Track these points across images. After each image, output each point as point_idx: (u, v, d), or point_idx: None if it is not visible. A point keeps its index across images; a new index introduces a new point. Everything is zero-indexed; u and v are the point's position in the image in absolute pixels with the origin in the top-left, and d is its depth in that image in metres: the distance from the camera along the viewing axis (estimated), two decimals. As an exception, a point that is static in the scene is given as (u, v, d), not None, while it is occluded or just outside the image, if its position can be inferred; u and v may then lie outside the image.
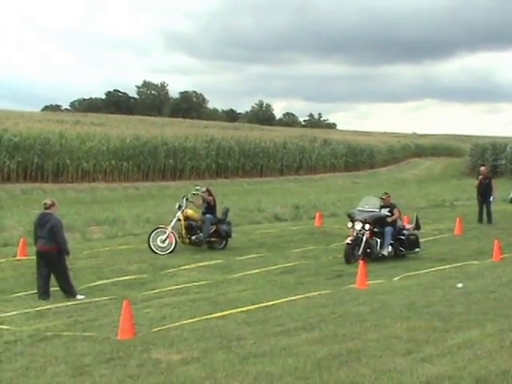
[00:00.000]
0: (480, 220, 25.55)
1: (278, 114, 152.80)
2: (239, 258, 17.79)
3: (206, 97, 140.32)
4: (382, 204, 18.45)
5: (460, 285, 13.79)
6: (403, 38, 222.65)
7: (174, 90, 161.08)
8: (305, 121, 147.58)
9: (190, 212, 19.33)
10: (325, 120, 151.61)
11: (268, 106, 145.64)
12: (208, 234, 19.17)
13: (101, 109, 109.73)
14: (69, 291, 13.28)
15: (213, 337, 9.94)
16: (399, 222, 18.61)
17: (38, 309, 12.14)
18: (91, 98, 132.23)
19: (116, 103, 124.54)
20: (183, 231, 19.01)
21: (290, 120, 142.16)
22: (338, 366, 8.37)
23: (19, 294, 13.43)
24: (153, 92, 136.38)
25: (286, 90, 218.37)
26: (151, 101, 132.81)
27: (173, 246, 18.39)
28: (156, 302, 12.76)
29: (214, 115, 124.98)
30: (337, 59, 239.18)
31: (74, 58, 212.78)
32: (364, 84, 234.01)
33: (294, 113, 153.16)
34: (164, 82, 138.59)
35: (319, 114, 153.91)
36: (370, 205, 18.37)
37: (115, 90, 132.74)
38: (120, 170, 45.85)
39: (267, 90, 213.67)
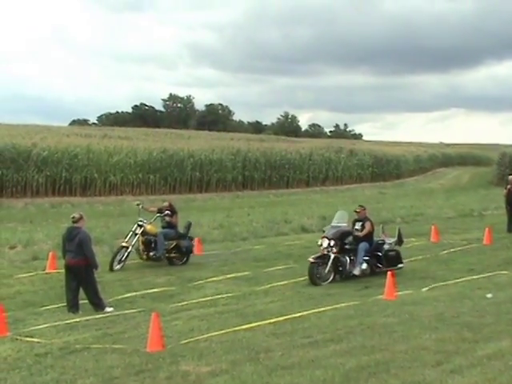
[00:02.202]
0: (509, 229, 25.28)
1: (304, 125, 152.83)
2: (266, 270, 17.78)
3: (231, 109, 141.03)
4: (357, 218, 17.31)
5: (489, 295, 13.68)
6: (429, 47, 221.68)
7: (200, 103, 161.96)
8: (331, 132, 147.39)
9: (148, 227, 18.49)
10: (351, 131, 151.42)
11: (294, 117, 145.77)
12: (163, 249, 18.36)
13: (127, 122, 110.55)
14: (97, 304, 13.37)
15: (241, 349, 9.94)
16: (378, 238, 17.46)
17: (67, 322, 12.23)
18: (118, 112, 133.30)
19: (142, 117, 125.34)
20: (141, 247, 18.38)
21: (315, 131, 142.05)
22: (366, 378, 8.35)
23: (49, 307, 13.55)
24: (179, 105, 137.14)
25: (311, 101, 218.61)
26: (177, 114, 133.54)
27: (122, 264, 17.81)
28: (184, 314, 12.79)
29: (239, 127, 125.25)
30: (362, 69, 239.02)
31: (101, 72, 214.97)
32: (390, 94, 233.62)
33: (319, 124, 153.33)
34: (190, 95, 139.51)
35: (345, 124, 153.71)
36: (339, 220, 17.10)
37: (142, 104, 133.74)
38: (147, 183, 46.15)
39: (293, 101, 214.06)
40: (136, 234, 18.28)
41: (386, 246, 17.29)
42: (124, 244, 18.03)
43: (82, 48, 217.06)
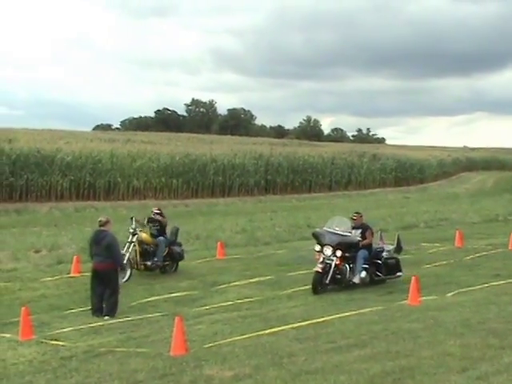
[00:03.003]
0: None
1: (326, 129, 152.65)
2: (289, 274, 17.74)
3: (253, 113, 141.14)
4: (353, 225, 16.37)
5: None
6: (452, 50, 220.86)
7: (223, 108, 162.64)
8: (353, 136, 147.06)
9: (144, 236, 17.65)
10: (373, 135, 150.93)
11: (316, 121, 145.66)
12: (162, 256, 17.72)
13: (150, 127, 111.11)
14: (112, 309, 13.26)
15: (264, 353, 9.92)
16: (376, 245, 16.72)
17: (91, 325, 12.29)
18: (141, 117, 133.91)
19: (165, 121, 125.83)
20: (137, 257, 17.42)
21: (338, 135, 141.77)
22: (391, 384, 8.29)
23: (73, 311, 13.64)
24: (201, 110, 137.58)
25: (334, 106, 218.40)
26: (200, 118, 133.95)
27: (128, 275, 16.58)
28: (207, 319, 12.80)
29: (261, 132, 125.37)
30: (385, 73, 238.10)
31: (124, 77, 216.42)
32: (413, 98, 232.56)
33: (342, 128, 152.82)
34: (212, 100, 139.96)
35: (368, 128, 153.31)
36: (342, 227, 16.12)
37: (164, 109, 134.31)
38: (170, 188, 46.33)
39: (315, 105, 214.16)
40: (131, 243, 17.29)
41: (384, 254, 16.57)
42: None
43: (106, 53, 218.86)
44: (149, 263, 17.52)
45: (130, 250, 17.05)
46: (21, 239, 23.88)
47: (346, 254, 15.72)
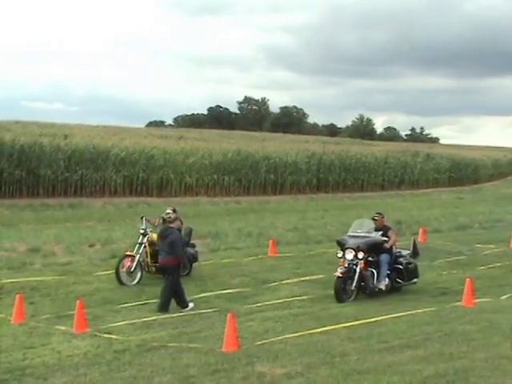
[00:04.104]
0: None
1: (379, 128, 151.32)
2: (341, 274, 17.63)
3: (306, 111, 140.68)
4: (374, 226, 15.60)
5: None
6: (508, 49, 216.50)
7: (275, 105, 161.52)
8: (406, 135, 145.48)
9: (154, 237, 16.44)
10: (427, 134, 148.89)
11: (369, 120, 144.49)
12: None
13: (203, 124, 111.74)
14: (164, 305, 13.38)
15: (316, 352, 9.91)
16: (395, 249, 15.77)
17: (144, 319, 12.43)
18: (194, 114, 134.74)
19: (218, 118, 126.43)
20: (148, 259, 16.60)
21: (391, 134, 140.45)
22: (444, 386, 8.20)
23: (126, 305, 13.81)
24: (254, 107, 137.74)
25: (387, 104, 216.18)
26: (252, 116, 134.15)
27: (138, 277, 16.17)
28: (259, 316, 12.83)
29: (314, 130, 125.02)
30: (440, 72, 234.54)
31: (178, 75, 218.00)
32: (468, 97, 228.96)
33: (395, 127, 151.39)
34: (265, 98, 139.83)
35: (421, 128, 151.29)
36: (364, 228, 15.49)
37: (217, 106, 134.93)
38: (222, 185, 46.49)
39: (368, 104, 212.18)
40: (141, 245, 16.57)
41: (402, 259, 15.72)
42: (128, 253, 16.47)
43: (160, 51, 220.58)
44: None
45: (140, 251, 16.44)
46: (75, 233, 24.26)
47: (370, 259, 14.90)
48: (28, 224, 27.80)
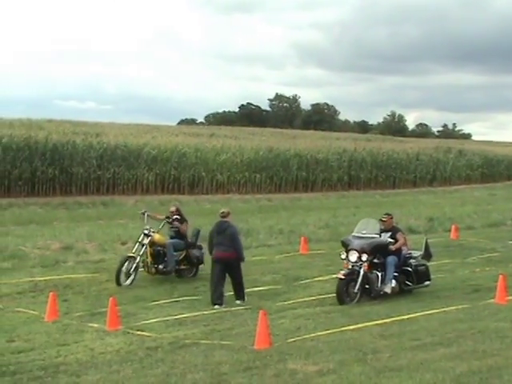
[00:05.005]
0: None
1: (411, 124, 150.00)
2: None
3: (337, 108, 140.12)
4: (383, 228, 15.00)
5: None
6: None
7: (306, 102, 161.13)
8: (438, 131, 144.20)
9: (157, 237, 16.36)
10: (459, 130, 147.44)
11: (400, 116, 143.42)
12: (173, 261, 16.31)
13: (234, 122, 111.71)
14: (242, 296, 14.05)
15: (348, 349, 9.90)
16: (404, 250, 15.11)
17: (176, 317, 12.51)
18: (225, 112, 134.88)
19: (249, 116, 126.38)
20: (149, 259, 16.27)
21: (422, 131, 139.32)
22: (477, 383, 8.13)
23: (158, 302, 13.90)
24: (285, 104, 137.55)
25: (418, 101, 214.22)
26: (283, 113, 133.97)
27: (131, 279, 15.74)
28: (290, 313, 12.85)
29: (345, 127, 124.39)
30: (472, 68, 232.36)
31: (209, 72, 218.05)
32: (501, 93, 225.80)
33: (427, 123, 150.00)
34: (296, 95, 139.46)
35: (453, 124, 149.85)
36: (369, 229, 14.94)
37: (248, 104, 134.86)
38: (253, 182, 46.51)
39: (400, 100, 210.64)
40: (143, 245, 16.16)
41: (412, 261, 15.08)
42: (130, 254, 16.11)
43: (191, 49, 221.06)
44: (161, 266, 16.34)
45: (141, 252, 16.07)
46: (107, 231, 24.42)
47: (375, 260, 14.39)
48: (61, 222, 28.08)
